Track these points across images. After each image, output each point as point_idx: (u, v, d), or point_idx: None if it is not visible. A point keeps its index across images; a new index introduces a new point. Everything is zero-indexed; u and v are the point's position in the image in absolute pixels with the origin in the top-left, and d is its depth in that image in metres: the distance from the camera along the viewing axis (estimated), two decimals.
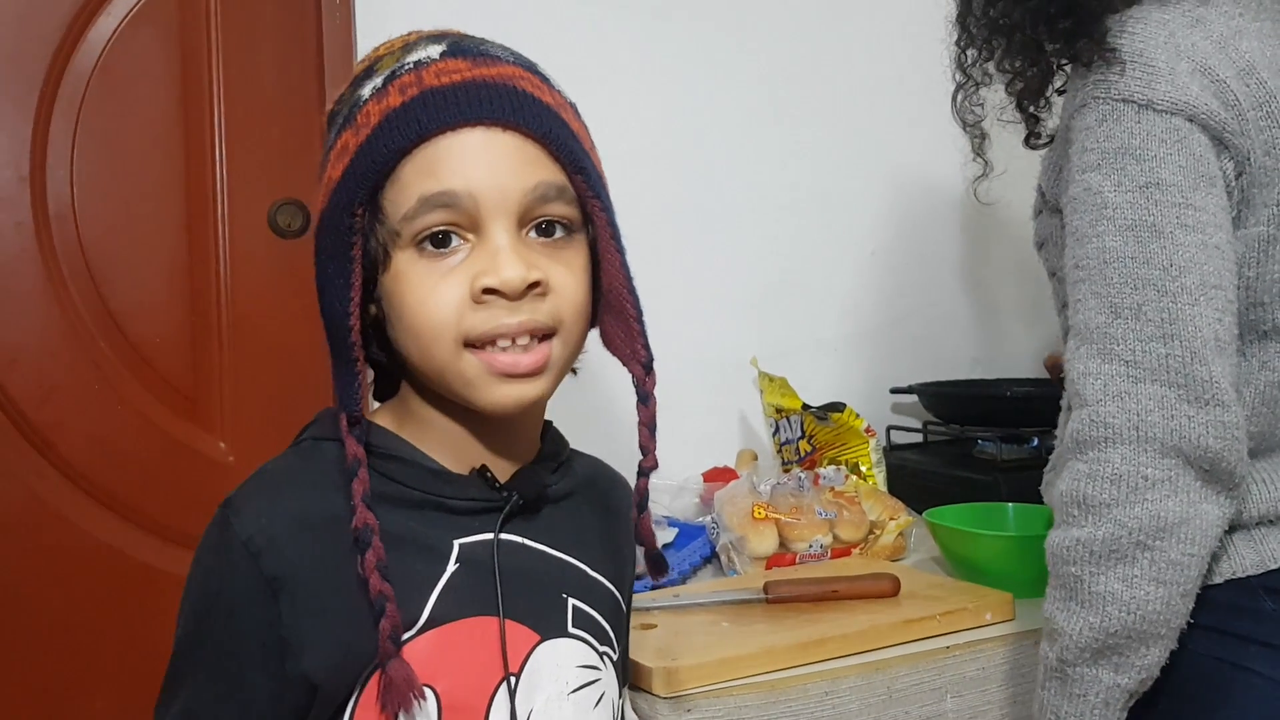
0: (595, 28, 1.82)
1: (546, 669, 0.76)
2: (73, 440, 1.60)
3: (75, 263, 1.60)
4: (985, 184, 1.24)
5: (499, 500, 0.77)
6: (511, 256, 0.70)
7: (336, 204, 0.71)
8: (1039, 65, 1.04)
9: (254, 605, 0.70)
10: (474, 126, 0.70)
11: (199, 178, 1.66)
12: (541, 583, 0.79)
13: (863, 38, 2.02)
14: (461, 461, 0.78)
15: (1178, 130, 0.91)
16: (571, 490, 0.84)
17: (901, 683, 1.10)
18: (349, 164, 0.71)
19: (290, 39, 1.71)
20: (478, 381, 0.72)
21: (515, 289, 0.70)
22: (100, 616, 1.61)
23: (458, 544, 0.75)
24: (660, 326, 1.76)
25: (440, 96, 0.70)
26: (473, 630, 0.74)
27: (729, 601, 1.23)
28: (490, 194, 0.70)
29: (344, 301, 0.71)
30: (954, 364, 2.07)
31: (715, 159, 1.92)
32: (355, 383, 0.73)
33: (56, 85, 1.59)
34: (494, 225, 0.71)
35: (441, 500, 0.76)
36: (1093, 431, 0.90)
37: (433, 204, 0.70)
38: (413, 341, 0.72)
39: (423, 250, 0.71)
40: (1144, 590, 0.87)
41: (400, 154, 0.70)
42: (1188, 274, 0.89)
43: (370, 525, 0.70)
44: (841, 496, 1.50)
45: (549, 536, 0.80)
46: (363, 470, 0.71)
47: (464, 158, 0.70)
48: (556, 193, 0.73)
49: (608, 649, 0.82)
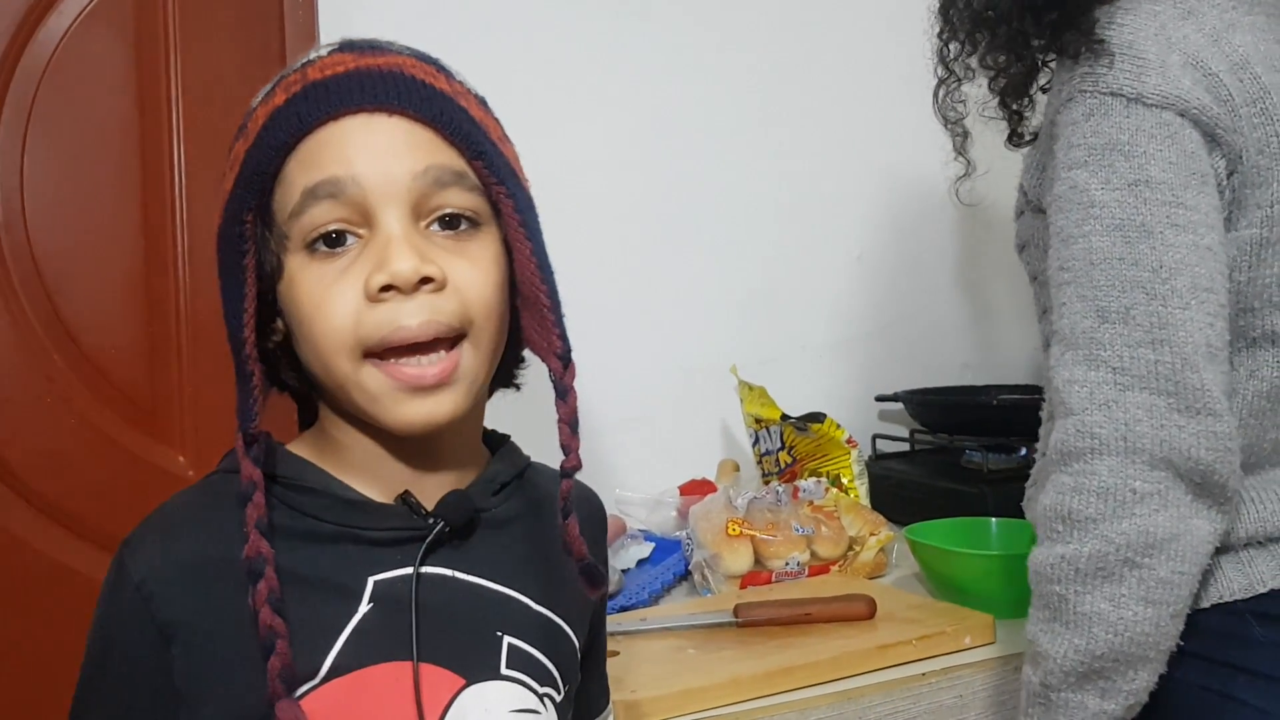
0: (574, 29, 1.78)
1: (473, 715, 0.69)
2: (24, 455, 1.55)
3: (26, 271, 1.55)
4: (968, 184, 1.20)
5: (423, 529, 0.70)
6: (403, 247, 0.65)
7: (228, 216, 0.68)
8: (1024, 60, 1.01)
9: (146, 652, 0.66)
10: (355, 113, 0.66)
11: (156, 182, 1.61)
12: (471, 620, 0.72)
13: (847, 39, 1.98)
14: (385, 488, 0.72)
15: (1168, 125, 0.88)
16: (518, 513, 0.77)
17: (875, 713, 1.05)
18: (238, 172, 0.67)
19: (252, 39, 1.65)
20: (382, 397, 0.66)
21: (407, 281, 0.64)
22: (52, 633, 1.54)
23: (372, 581, 0.69)
24: (639, 333, 1.77)
25: (322, 88, 0.66)
26: (384, 678, 0.67)
27: (697, 626, 1.18)
28: (376, 179, 0.65)
29: (238, 315, 0.67)
30: (943, 370, 2.03)
31: (696, 162, 1.88)
32: (251, 398, 0.68)
33: (5, 86, 1.53)
34: (385, 215, 0.65)
35: (357, 532, 0.69)
36: (1078, 442, 0.86)
37: (316, 195, 0.65)
38: (313, 353, 0.67)
39: (314, 252, 0.66)
40: (1132, 610, 0.83)
41: (284, 150, 0.66)
42: (1178, 276, 0.85)
43: (264, 554, 0.64)
44: (820, 511, 1.45)
45: (485, 567, 0.73)
46: (258, 495, 0.65)
47: (346, 144, 0.66)
48: (453, 178, 0.68)
49: (549, 689, 0.75)
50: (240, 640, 0.64)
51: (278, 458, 0.71)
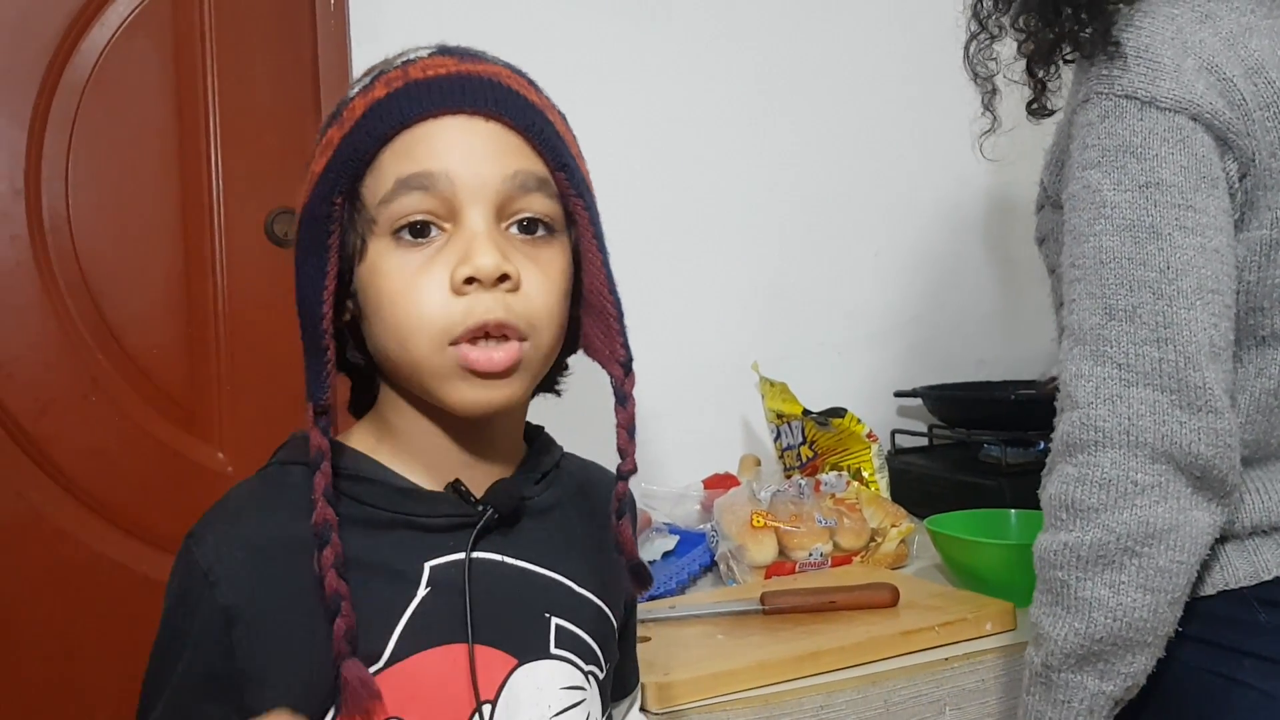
0: (593, 29, 1.81)
1: (525, 694, 0.74)
2: (70, 452, 1.60)
3: (71, 274, 1.60)
4: (992, 139, 1.20)
5: (473, 515, 0.74)
6: (487, 243, 0.69)
7: (317, 196, 0.71)
8: (1053, 27, 1.00)
9: (212, 636, 0.69)
10: (455, 114, 0.70)
11: (195, 187, 1.66)
12: (521, 602, 0.76)
13: (866, 36, 2.00)
14: (437, 475, 0.76)
15: (1180, 129, 0.90)
16: (558, 501, 0.82)
17: (899, 695, 1.08)
18: (331, 156, 0.71)
19: (285, 48, 1.70)
20: (451, 378, 0.70)
21: (489, 276, 0.68)
22: (99, 627, 1.60)
23: (429, 567, 0.72)
24: (661, 331, 1.80)
25: (424, 87, 0.70)
26: (444, 659, 0.71)
27: (725, 613, 1.21)
28: (468, 178, 0.69)
29: (318, 290, 0.70)
30: (961, 366, 2.05)
31: (716, 160, 1.90)
32: (324, 372, 0.71)
33: (51, 96, 1.58)
34: (471, 212, 0.69)
35: (411, 519, 0.73)
36: (1083, 434, 0.88)
37: (409, 185, 0.69)
38: (391, 336, 0.70)
39: (399, 240, 0.70)
40: (1131, 597, 0.86)
41: (381, 141, 0.70)
42: (1185, 277, 0.87)
43: (329, 521, 0.68)
44: (842, 503, 1.48)
45: (531, 552, 0.77)
46: (326, 464, 0.69)
47: (443, 141, 0.69)
48: (537, 184, 0.72)
49: (593, 667, 0.80)
50: (303, 618, 0.68)
51: (340, 453, 0.75)
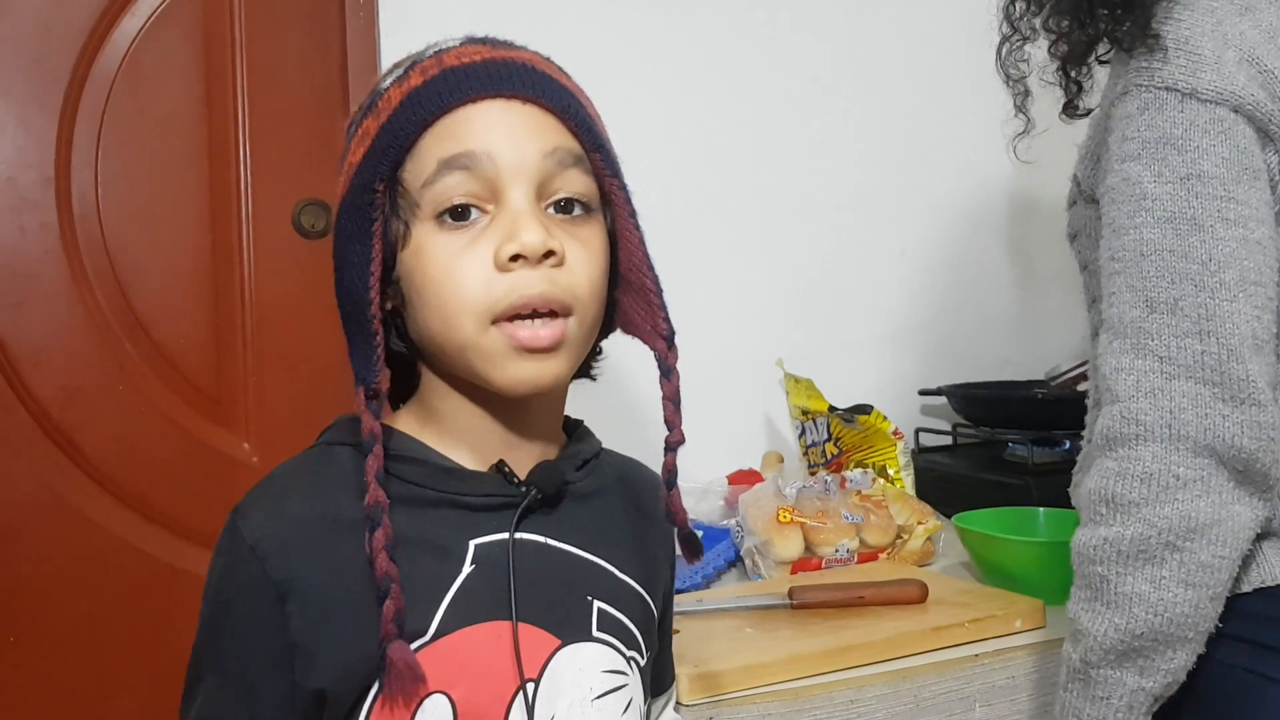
0: (627, 23, 1.82)
1: (568, 674, 0.74)
2: (97, 441, 1.61)
3: (99, 263, 1.61)
4: (1026, 141, 1.20)
5: (517, 496, 0.75)
6: (532, 220, 0.70)
7: (356, 185, 0.72)
8: (1086, 28, 1.00)
9: (263, 609, 0.69)
10: (494, 98, 0.71)
11: (223, 178, 1.67)
12: (564, 584, 0.76)
13: (896, 35, 2.00)
14: (481, 458, 0.76)
15: (1222, 121, 0.89)
16: (600, 488, 0.82)
17: (929, 691, 1.07)
18: (370, 146, 0.72)
19: (314, 39, 1.70)
20: (498, 357, 0.70)
21: (535, 252, 0.69)
22: (124, 616, 1.61)
23: (473, 545, 0.73)
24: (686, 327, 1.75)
25: (460, 73, 0.71)
26: (488, 635, 0.72)
27: (753, 607, 1.21)
28: (509, 157, 0.70)
29: (364, 276, 0.71)
30: (985, 365, 2.04)
31: (742, 157, 1.90)
32: (373, 356, 0.72)
33: (81, 86, 1.59)
34: (513, 190, 0.70)
35: (456, 498, 0.74)
36: (1124, 428, 0.88)
37: (452, 166, 0.70)
38: (436, 318, 0.71)
39: (442, 223, 0.71)
40: (1172, 592, 0.85)
41: (422, 126, 0.70)
42: (1227, 269, 0.87)
43: (381, 503, 0.68)
44: (868, 500, 1.47)
45: (574, 535, 0.78)
46: (377, 446, 0.70)
47: (483, 123, 0.71)
48: (574, 160, 0.73)
49: (635, 654, 0.80)
50: (353, 592, 0.68)
51: (386, 434, 0.74)
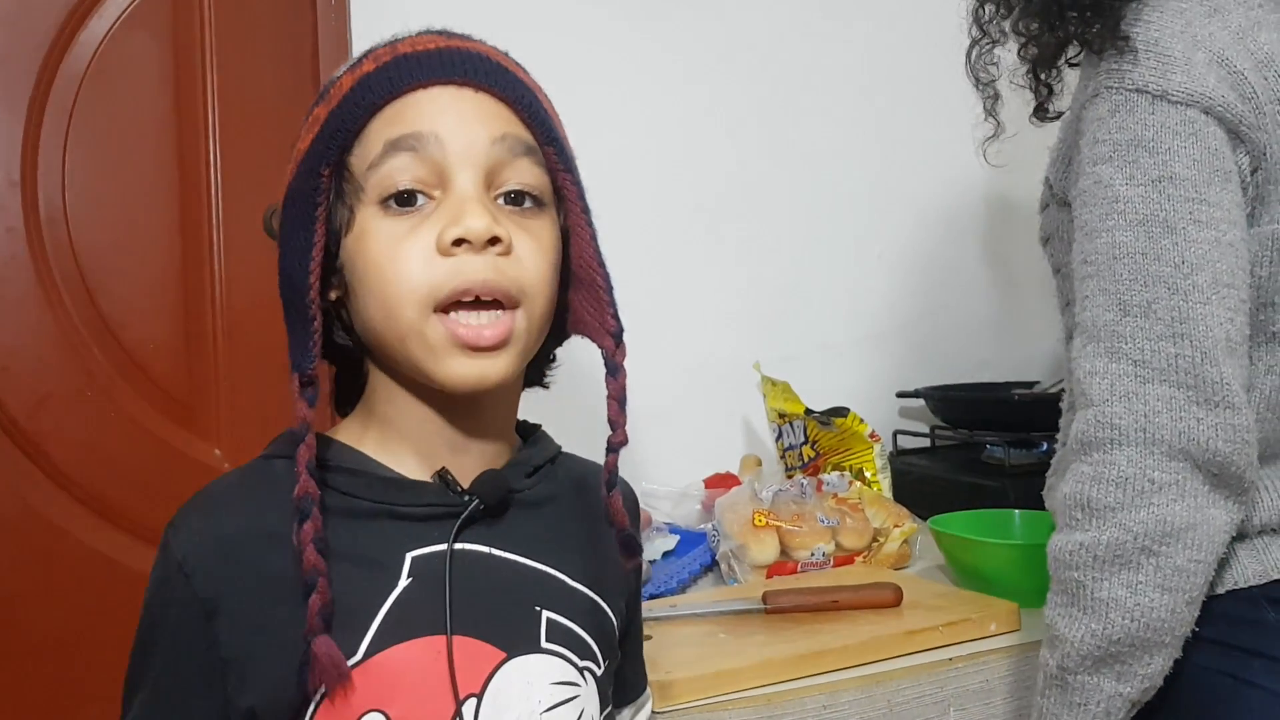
0: (597, 28, 1.82)
1: (514, 688, 0.72)
2: (66, 448, 1.59)
3: (67, 268, 1.59)
4: (996, 145, 1.20)
5: (458, 505, 0.73)
6: (477, 205, 0.68)
7: (303, 171, 0.71)
8: (1055, 31, 1.01)
9: (192, 628, 0.68)
10: (445, 84, 0.70)
11: (193, 182, 1.65)
12: (510, 595, 0.74)
13: (867, 39, 2.01)
14: (425, 464, 0.75)
15: (1193, 123, 0.89)
16: (553, 495, 0.80)
17: (903, 696, 1.07)
18: (318, 131, 0.71)
19: (285, 42, 1.69)
20: (440, 351, 0.69)
21: (479, 237, 0.67)
22: (93, 624, 1.59)
23: (410, 557, 0.71)
24: (663, 331, 1.79)
25: (413, 60, 0.70)
26: (424, 651, 0.69)
27: (727, 612, 1.20)
28: (457, 140, 0.69)
29: (304, 261, 0.69)
30: (963, 367, 2.05)
31: (719, 161, 1.90)
32: (309, 342, 0.70)
33: (48, 88, 1.57)
34: (460, 176, 0.69)
35: (394, 509, 0.72)
36: (1099, 433, 0.87)
37: (398, 147, 0.68)
38: (377, 305, 0.69)
39: (387, 208, 0.69)
40: (1149, 597, 0.84)
41: (371, 110, 0.70)
42: (1200, 271, 0.87)
43: (310, 494, 0.67)
44: (845, 503, 1.47)
45: (522, 545, 0.75)
46: (310, 436, 0.68)
47: (433, 107, 0.70)
48: (525, 150, 0.72)
49: (590, 663, 0.77)
50: (281, 608, 0.67)
51: (323, 445, 0.73)
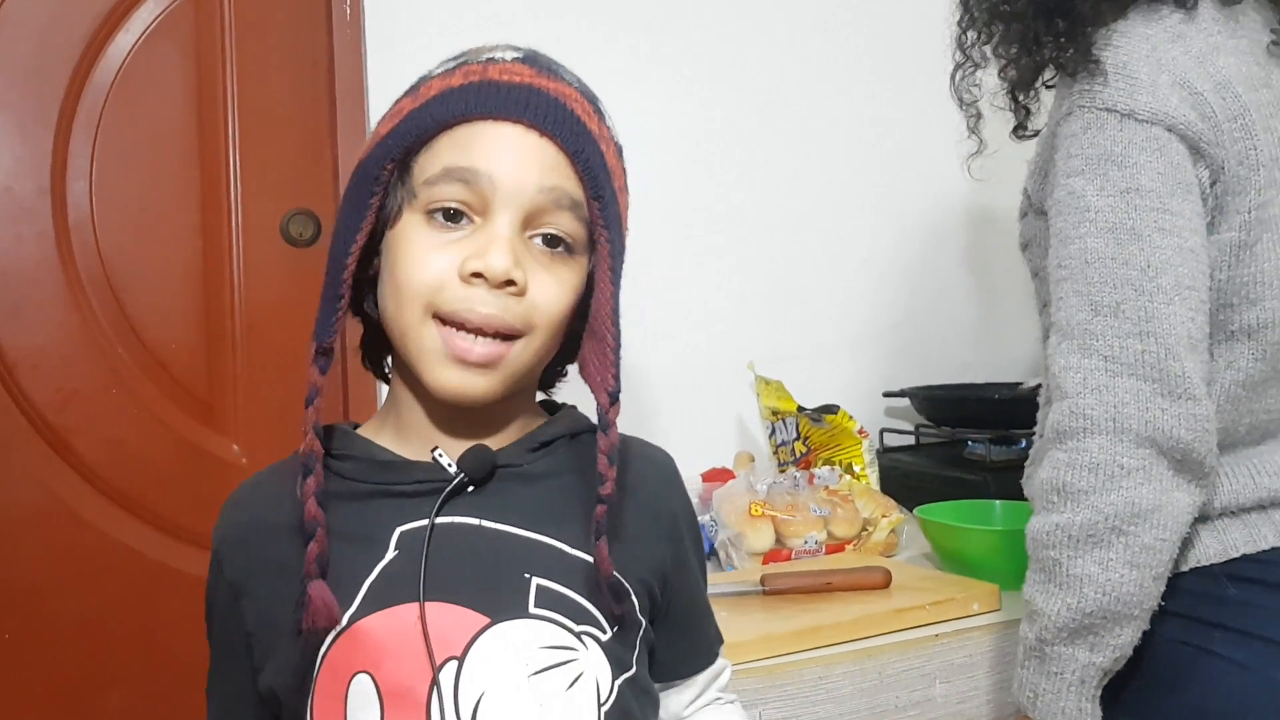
0: (599, 36, 1.88)
1: (497, 652, 0.73)
2: (91, 443, 1.65)
3: (94, 271, 1.65)
4: (979, 161, 1.26)
5: (446, 480, 0.76)
6: (504, 246, 0.72)
7: (374, 157, 0.75)
8: (1032, 56, 1.07)
9: (226, 605, 0.78)
10: (515, 123, 0.74)
11: (214, 188, 1.71)
12: (497, 563, 0.75)
13: (857, 48, 2.07)
14: (427, 447, 0.79)
15: (1157, 139, 0.96)
16: (562, 468, 0.81)
17: (892, 669, 1.14)
18: (397, 124, 0.75)
19: (302, 55, 1.76)
20: (430, 355, 0.74)
21: (496, 277, 0.72)
22: (116, 615, 1.65)
23: (399, 531, 0.75)
24: (661, 332, 1.86)
25: (495, 89, 0.74)
26: (407, 616, 0.73)
27: (728, 594, 1.27)
28: (507, 182, 0.73)
29: (348, 243, 0.74)
30: (946, 368, 2.12)
31: (713, 166, 1.96)
32: (334, 315, 0.75)
33: (77, 99, 1.64)
34: (500, 214, 0.73)
35: (388, 488, 0.77)
36: (1072, 422, 0.94)
37: (454, 176, 0.73)
38: (393, 296, 0.75)
39: (432, 219, 0.74)
40: (1118, 573, 0.91)
41: (441, 126, 0.74)
42: (1164, 275, 0.94)
43: (315, 452, 0.73)
44: (836, 495, 1.54)
45: (515, 516, 0.77)
46: (319, 400, 0.73)
47: (496, 145, 0.74)
48: (570, 204, 0.75)
49: (590, 628, 0.77)
50: (293, 594, 0.72)
51: (334, 435, 0.80)
